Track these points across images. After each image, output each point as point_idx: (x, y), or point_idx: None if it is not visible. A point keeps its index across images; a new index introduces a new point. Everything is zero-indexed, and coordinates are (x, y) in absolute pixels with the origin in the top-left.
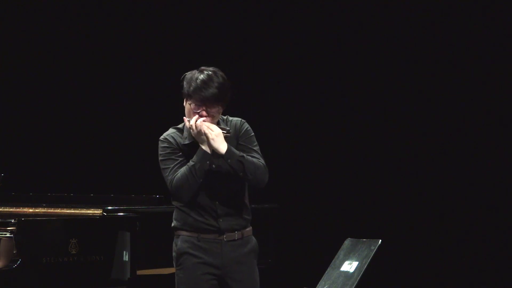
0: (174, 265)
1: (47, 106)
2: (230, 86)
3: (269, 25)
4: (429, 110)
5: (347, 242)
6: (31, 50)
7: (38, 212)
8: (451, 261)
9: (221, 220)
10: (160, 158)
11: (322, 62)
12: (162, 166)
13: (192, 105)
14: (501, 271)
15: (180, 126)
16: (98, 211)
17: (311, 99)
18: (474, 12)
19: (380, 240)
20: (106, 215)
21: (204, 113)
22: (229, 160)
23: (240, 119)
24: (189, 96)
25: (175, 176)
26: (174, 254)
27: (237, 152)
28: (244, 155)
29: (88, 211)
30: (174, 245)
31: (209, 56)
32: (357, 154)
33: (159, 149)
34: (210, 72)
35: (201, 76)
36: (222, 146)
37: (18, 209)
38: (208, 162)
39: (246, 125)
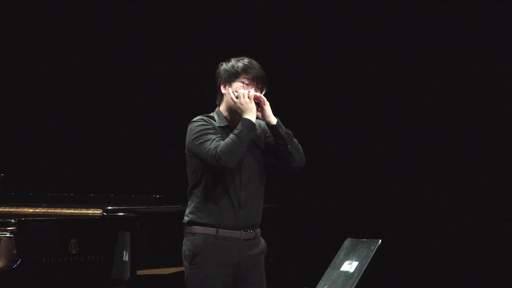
0: (186, 263)
1: (47, 106)
2: None
3: (269, 24)
4: (429, 110)
5: (347, 242)
6: (31, 50)
7: (38, 212)
8: (451, 261)
9: (241, 212)
10: (195, 135)
11: (322, 62)
12: (199, 141)
13: (244, 83)
14: (501, 271)
15: (210, 114)
16: (98, 211)
17: (310, 99)
18: (474, 12)
19: (380, 240)
20: (106, 215)
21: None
22: (280, 129)
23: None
24: (237, 75)
25: (219, 144)
26: (187, 252)
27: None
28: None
29: (88, 211)
30: (188, 242)
31: (209, 56)
32: (357, 154)
33: (193, 128)
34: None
35: (245, 60)
36: (273, 116)
37: (18, 209)
38: (251, 132)
39: None
